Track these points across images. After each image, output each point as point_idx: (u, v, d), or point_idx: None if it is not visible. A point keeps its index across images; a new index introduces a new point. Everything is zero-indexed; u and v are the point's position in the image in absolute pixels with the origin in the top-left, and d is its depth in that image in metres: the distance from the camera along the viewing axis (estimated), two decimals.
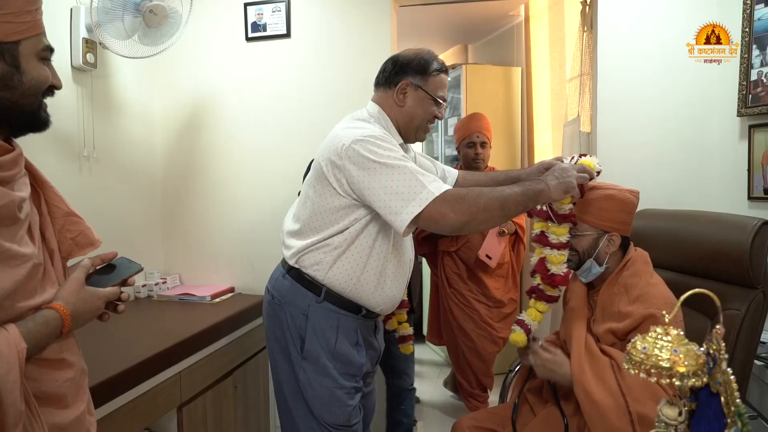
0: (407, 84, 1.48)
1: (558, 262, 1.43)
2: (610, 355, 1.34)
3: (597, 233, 1.44)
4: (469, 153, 2.61)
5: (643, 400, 1.23)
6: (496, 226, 1.61)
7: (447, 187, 1.32)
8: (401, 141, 1.51)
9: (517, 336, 1.49)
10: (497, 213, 1.31)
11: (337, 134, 1.41)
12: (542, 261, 1.46)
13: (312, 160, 2.13)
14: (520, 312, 1.56)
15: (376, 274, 1.45)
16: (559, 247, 1.43)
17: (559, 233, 1.43)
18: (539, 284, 1.49)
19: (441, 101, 1.50)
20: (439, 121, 2.95)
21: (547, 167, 1.48)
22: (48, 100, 0.96)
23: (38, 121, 0.93)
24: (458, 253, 2.59)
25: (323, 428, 1.46)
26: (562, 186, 1.34)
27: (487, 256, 2.48)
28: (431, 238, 2.62)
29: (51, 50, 0.93)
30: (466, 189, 1.35)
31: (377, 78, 1.55)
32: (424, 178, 1.31)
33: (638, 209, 1.80)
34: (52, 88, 0.95)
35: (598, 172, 1.46)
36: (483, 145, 2.59)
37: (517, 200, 1.32)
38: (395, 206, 1.29)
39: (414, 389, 2.44)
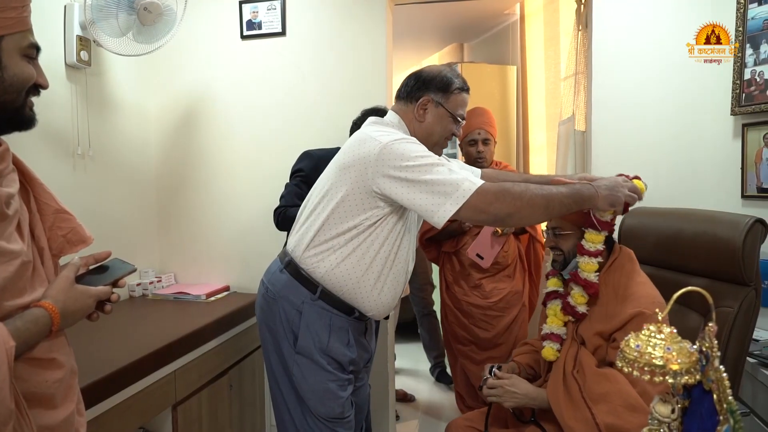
0: (428, 100, 1.49)
1: (591, 270, 1.41)
2: (581, 363, 1.35)
3: (580, 231, 1.45)
4: (471, 151, 2.46)
5: (617, 410, 1.24)
6: (538, 223, 1.58)
7: (482, 181, 1.33)
8: None
9: (548, 351, 1.49)
10: (540, 210, 1.32)
11: (370, 135, 1.40)
12: (576, 273, 1.44)
13: (303, 153, 2.15)
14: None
15: (374, 279, 1.45)
16: (595, 254, 1.41)
17: (597, 240, 1.41)
18: (567, 295, 1.47)
19: (460, 119, 1.52)
20: None
21: (589, 180, 1.46)
22: (42, 98, 0.95)
23: (22, 119, 0.91)
24: (457, 255, 2.53)
25: (317, 421, 1.46)
26: (611, 198, 1.34)
27: (478, 255, 2.38)
28: (436, 239, 2.57)
29: (37, 49, 0.92)
30: (510, 183, 1.36)
31: (399, 91, 1.56)
32: (463, 171, 1.33)
33: (632, 207, 1.81)
34: (37, 87, 0.93)
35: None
36: (485, 142, 2.44)
37: (563, 201, 1.32)
38: (437, 200, 1.30)
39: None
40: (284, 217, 2.03)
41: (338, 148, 2.15)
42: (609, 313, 1.37)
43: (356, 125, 2.17)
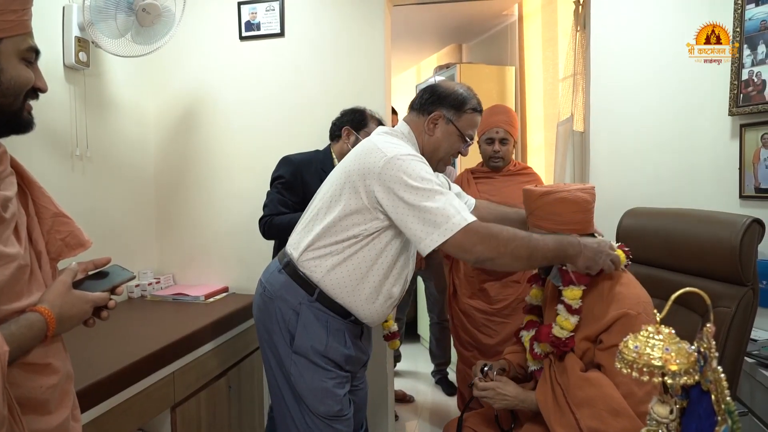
0: (440, 116, 1.50)
1: (567, 328, 1.37)
2: (566, 368, 1.35)
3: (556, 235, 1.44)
4: (487, 150, 2.40)
5: (601, 415, 1.24)
6: (517, 271, 1.58)
7: (474, 217, 1.33)
8: None
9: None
10: (522, 261, 1.35)
11: (377, 146, 1.41)
12: (548, 328, 1.42)
13: (282, 159, 2.14)
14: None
15: (369, 289, 1.46)
16: (573, 312, 1.38)
17: (576, 296, 1.38)
18: (532, 340, 1.48)
19: (468, 139, 1.53)
20: None
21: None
22: (40, 99, 0.95)
23: (20, 123, 0.91)
24: None
25: (317, 420, 1.47)
26: (589, 263, 1.33)
27: None
28: None
29: (36, 52, 0.91)
30: (500, 227, 1.35)
31: (413, 102, 1.57)
32: (457, 205, 1.33)
33: (629, 207, 1.81)
34: (36, 91, 0.92)
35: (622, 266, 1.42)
36: (503, 141, 2.37)
37: (546, 255, 1.33)
38: (426, 228, 1.31)
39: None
40: (270, 226, 2.01)
41: (317, 151, 2.17)
42: (595, 316, 1.36)
43: (335, 125, 2.17)
